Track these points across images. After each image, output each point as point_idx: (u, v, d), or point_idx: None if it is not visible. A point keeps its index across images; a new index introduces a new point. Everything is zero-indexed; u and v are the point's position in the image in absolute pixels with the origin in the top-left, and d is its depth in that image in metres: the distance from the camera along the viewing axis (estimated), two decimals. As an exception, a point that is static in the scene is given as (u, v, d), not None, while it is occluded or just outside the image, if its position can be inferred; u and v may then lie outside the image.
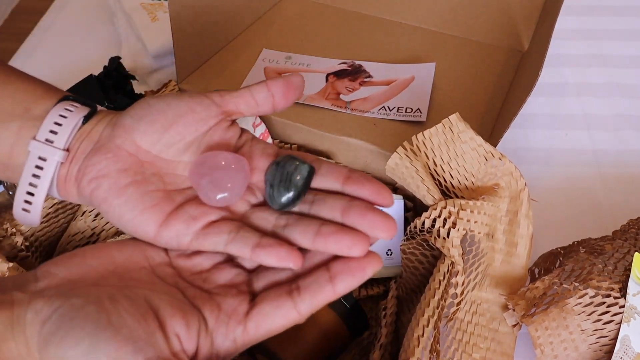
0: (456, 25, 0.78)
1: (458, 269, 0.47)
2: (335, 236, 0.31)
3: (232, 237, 0.33)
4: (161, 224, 0.33)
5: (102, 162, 0.34)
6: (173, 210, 0.34)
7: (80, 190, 0.35)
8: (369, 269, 0.31)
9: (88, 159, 0.34)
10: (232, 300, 0.32)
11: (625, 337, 0.48)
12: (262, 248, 0.32)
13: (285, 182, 0.33)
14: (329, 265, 0.32)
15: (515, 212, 0.53)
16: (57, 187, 0.36)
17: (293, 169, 0.33)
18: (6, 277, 0.32)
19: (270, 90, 0.35)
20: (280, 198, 0.33)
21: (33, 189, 0.35)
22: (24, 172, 0.35)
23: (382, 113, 0.65)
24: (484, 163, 0.51)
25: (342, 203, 0.33)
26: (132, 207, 0.33)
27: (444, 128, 0.51)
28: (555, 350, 0.49)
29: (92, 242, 0.57)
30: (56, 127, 0.35)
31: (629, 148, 0.70)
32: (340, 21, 0.81)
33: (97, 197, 0.34)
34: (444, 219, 0.48)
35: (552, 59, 0.81)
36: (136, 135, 0.34)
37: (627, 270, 0.50)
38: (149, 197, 0.34)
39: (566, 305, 0.48)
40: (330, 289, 0.31)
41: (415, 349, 0.42)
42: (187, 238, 0.33)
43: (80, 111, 0.36)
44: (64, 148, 0.35)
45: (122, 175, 0.34)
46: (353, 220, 0.32)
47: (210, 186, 0.34)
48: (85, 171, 0.34)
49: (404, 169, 0.51)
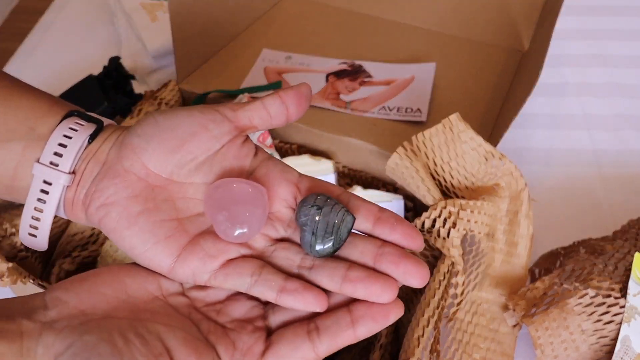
0: (456, 25, 0.78)
1: (458, 269, 0.47)
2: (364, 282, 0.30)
3: (255, 279, 0.31)
4: (176, 259, 0.32)
5: (111, 188, 0.32)
6: (187, 243, 0.32)
7: (88, 216, 0.33)
8: (393, 316, 0.30)
9: (95, 184, 0.33)
10: (248, 338, 0.31)
11: (626, 338, 0.47)
12: (288, 293, 0.30)
13: (329, 233, 0.31)
14: (351, 307, 0.31)
15: (516, 212, 0.53)
16: (64, 209, 0.34)
17: (339, 220, 0.31)
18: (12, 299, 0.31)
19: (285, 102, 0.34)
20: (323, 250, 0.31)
21: (39, 214, 0.33)
22: (29, 197, 0.33)
23: (382, 113, 0.65)
24: (484, 163, 0.51)
25: (374, 248, 0.31)
26: (145, 240, 0.32)
27: (444, 128, 0.51)
28: (556, 351, 0.49)
29: (92, 242, 0.57)
30: (61, 148, 0.33)
31: (629, 148, 0.70)
32: (340, 21, 0.81)
33: (106, 226, 0.32)
34: (444, 219, 0.48)
35: (552, 59, 0.80)
36: (145, 156, 0.32)
37: (628, 270, 0.50)
38: (161, 228, 0.32)
39: (566, 305, 0.48)
40: (351, 333, 0.30)
41: (416, 349, 0.42)
42: (205, 277, 0.32)
43: (85, 129, 0.34)
44: (70, 171, 0.33)
45: (132, 203, 0.32)
46: (386, 268, 0.31)
47: (228, 223, 0.32)
48: (93, 197, 0.32)
49: (404, 169, 0.51)
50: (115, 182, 0.32)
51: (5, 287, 0.46)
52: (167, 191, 0.33)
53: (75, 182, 0.33)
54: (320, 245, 0.31)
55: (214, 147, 0.33)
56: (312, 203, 0.32)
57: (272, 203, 0.34)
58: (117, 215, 0.32)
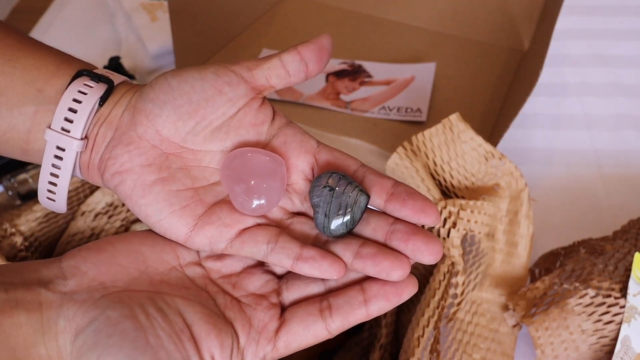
0: (456, 25, 0.78)
1: (458, 269, 0.47)
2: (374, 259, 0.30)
3: (272, 247, 0.31)
4: (192, 228, 0.31)
5: (124, 156, 0.32)
6: (204, 213, 0.32)
7: (104, 182, 0.33)
8: (406, 294, 0.30)
9: (109, 150, 0.32)
10: (263, 315, 0.31)
11: (626, 338, 0.47)
12: (304, 261, 0.30)
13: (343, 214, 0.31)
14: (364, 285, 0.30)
15: (516, 212, 0.53)
16: (81, 172, 0.34)
17: (352, 201, 0.31)
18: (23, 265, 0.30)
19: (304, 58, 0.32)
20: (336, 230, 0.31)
21: (55, 179, 0.33)
22: (44, 162, 0.33)
23: (382, 113, 0.65)
24: (484, 163, 0.51)
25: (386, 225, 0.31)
26: (160, 209, 0.31)
27: (444, 128, 0.51)
28: (556, 351, 0.49)
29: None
30: (71, 114, 0.32)
31: (630, 148, 0.70)
32: (340, 21, 0.80)
33: (121, 193, 0.32)
34: (444, 219, 0.48)
35: (552, 59, 0.80)
36: (158, 123, 0.32)
37: (628, 270, 0.50)
38: (177, 197, 0.32)
39: (567, 305, 0.48)
40: (364, 311, 0.30)
41: (416, 349, 0.42)
42: (222, 245, 0.32)
43: (95, 92, 0.33)
44: (82, 137, 0.32)
45: (147, 171, 0.31)
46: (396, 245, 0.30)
47: (245, 196, 0.31)
48: (107, 164, 0.32)
49: (404, 169, 0.51)
50: (129, 149, 0.32)
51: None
52: (181, 159, 0.32)
53: (88, 147, 0.33)
54: (333, 226, 0.31)
55: (229, 111, 0.32)
56: (324, 183, 0.31)
57: (289, 175, 0.33)
58: (132, 184, 0.31)
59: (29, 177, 0.62)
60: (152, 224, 0.32)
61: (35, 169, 0.62)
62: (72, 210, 0.57)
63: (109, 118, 0.33)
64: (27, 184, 0.61)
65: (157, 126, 0.32)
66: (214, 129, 0.32)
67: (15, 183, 0.61)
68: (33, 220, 0.53)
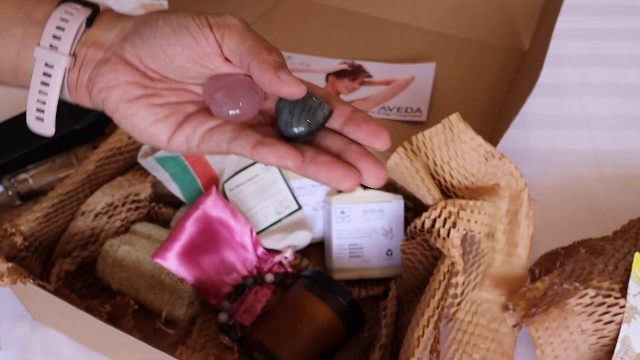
0: (456, 25, 0.78)
1: (458, 269, 0.47)
2: (328, 167, 0.31)
3: (235, 135, 0.33)
4: (173, 132, 0.34)
5: (112, 73, 0.34)
6: (183, 119, 0.34)
7: (92, 98, 0.35)
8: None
9: (97, 68, 0.35)
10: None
11: (626, 338, 0.47)
12: (263, 146, 0.31)
13: (306, 114, 0.32)
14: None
15: (516, 212, 0.53)
16: (69, 92, 0.36)
17: (317, 105, 0.32)
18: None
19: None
20: (298, 127, 0.32)
21: (44, 97, 0.35)
22: (33, 79, 0.35)
23: (382, 113, 0.65)
24: (484, 163, 0.51)
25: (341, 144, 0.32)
26: (145, 118, 0.34)
27: (444, 128, 0.51)
28: (556, 351, 0.49)
29: (92, 242, 0.57)
30: (59, 31, 0.34)
31: (630, 148, 0.70)
32: (340, 21, 0.81)
33: (108, 107, 0.34)
34: (444, 219, 0.48)
35: (552, 59, 0.80)
36: (141, 54, 0.34)
37: (628, 270, 0.50)
38: (161, 108, 0.34)
39: (567, 305, 0.48)
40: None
41: (415, 349, 0.42)
42: (195, 141, 0.34)
43: (81, 13, 0.35)
44: (70, 53, 0.35)
45: (132, 88, 0.34)
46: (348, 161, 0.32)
47: (224, 100, 0.33)
48: (95, 80, 0.34)
49: (404, 169, 0.51)
50: (116, 67, 0.34)
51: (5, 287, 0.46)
52: (166, 84, 0.35)
53: (77, 66, 0.35)
54: (297, 122, 0.32)
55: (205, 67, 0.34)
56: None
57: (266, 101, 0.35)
58: (118, 98, 0.34)
59: (29, 177, 0.62)
60: (137, 132, 0.34)
61: (36, 168, 0.62)
62: (72, 211, 0.57)
63: (98, 40, 0.35)
64: (27, 184, 0.61)
65: (140, 56, 0.34)
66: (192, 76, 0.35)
67: (15, 183, 0.61)
68: (33, 220, 0.53)
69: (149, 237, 0.56)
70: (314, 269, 0.55)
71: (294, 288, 0.52)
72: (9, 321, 0.56)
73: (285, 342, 0.48)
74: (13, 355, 0.54)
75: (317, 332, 0.49)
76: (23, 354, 0.54)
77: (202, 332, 0.54)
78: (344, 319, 0.50)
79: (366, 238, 0.57)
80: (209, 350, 0.49)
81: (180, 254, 0.53)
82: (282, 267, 0.56)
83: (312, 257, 0.60)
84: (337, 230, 0.56)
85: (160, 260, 0.52)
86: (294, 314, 0.50)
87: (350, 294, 0.51)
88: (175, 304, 0.52)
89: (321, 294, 0.50)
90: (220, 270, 0.54)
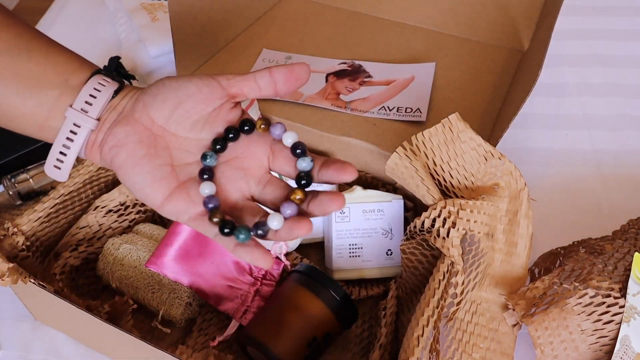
0: (456, 25, 0.78)
1: (458, 269, 0.47)
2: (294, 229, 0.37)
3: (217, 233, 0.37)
4: (166, 198, 0.38)
5: (122, 133, 0.39)
6: (176, 186, 0.38)
7: (102, 155, 0.39)
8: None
9: (111, 129, 0.39)
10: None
11: (625, 337, 0.48)
12: (242, 247, 0.36)
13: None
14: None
15: (515, 211, 0.53)
16: (85, 149, 0.40)
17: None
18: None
19: (273, 77, 0.39)
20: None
21: (66, 150, 0.40)
22: (59, 135, 0.40)
23: (382, 113, 0.65)
24: (484, 163, 0.51)
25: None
26: (144, 178, 0.38)
27: (443, 128, 0.51)
28: (555, 350, 0.49)
29: (97, 238, 0.57)
30: (91, 99, 0.40)
31: (629, 148, 0.70)
32: (340, 21, 0.81)
33: (115, 163, 0.39)
34: (444, 218, 0.48)
35: (552, 59, 0.81)
36: (151, 110, 0.39)
37: (627, 270, 0.50)
38: (158, 171, 0.38)
39: (566, 305, 0.48)
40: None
41: (415, 349, 0.42)
42: (185, 217, 0.38)
43: (111, 86, 0.41)
44: (97, 118, 0.40)
45: (138, 147, 0.38)
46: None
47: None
48: (107, 139, 0.39)
49: (404, 168, 0.51)
50: (126, 128, 0.39)
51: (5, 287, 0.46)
52: (165, 141, 0.39)
53: (97, 127, 0.40)
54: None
55: (207, 108, 0.39)
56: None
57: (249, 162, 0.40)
58: (125, 155, 0.38)
59: (29, 177, 0.62)
60: (136, 189, 0.38)
61: (36, 168, 0.62)
62: (74, 211, 0.57)
63: (117, 107, 0.41)
64: (27, 184, 0.61)
65: (150, 112, 0.39)
66: (193, 121, 0.39)
67: (15, 183, 0.61)
68: (35, 220, 0.53)
69: (151, 237, 0.57)
70: (306, 264, 0.55)
71: (286, 283, 0.52)
72: (9, 321, 0.56)
73: (278, 337, 0.48)
74: (13, 355, 0.54)
75: (310, 327, 0.49)
76: (23, 353, 0.54)
77: (202, 332, 0.54)
78: (337, 314, 0.50)
79: (366, 238, 0.57)
80: (209, 350, 0.49)
81: (174, 258, 0.53)
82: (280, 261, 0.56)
83: (312, 257, 0.60)
84: (337, 230, 0.56)
85: (154, 267, 0.53)
86: (287, 308, 0.50)
87: (342, 287, 0.51)
88: (173, 304, 0.52)
89: (314, 288, 0.50)
90: (215, 272, 0.54)
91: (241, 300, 0.54)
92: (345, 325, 0.51)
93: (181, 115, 0.39)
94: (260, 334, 0.49)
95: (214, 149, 0.39)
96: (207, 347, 0.52)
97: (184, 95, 0.39)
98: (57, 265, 0.54)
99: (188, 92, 0.39)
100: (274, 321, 0.49)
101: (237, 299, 0.54)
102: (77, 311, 0.45)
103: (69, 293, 0.50)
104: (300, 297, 0.50)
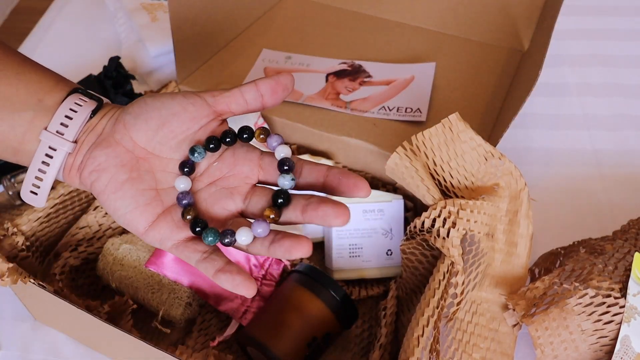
0: (456, 25, 0.78)
1: (458, 269, 0.47)
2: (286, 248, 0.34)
3: (205, 257, 0.35)
4: (150, 225, 0.36)
5: (102, 157, 0.37)
6: (161, 212, 0.36)
7: (82, 179, 0.37)
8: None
9: (90, 152, 0.37)
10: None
11: (626, 337, 0.47)
12: (223, 273, 0.34)
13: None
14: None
15: (515, 211, 0.53)
16: (63, 173, 0.38)
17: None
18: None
19: (259, 89, 0.37)
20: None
21: (42, 175, 0.38)
22: (34, 159, 0.37)
23: (382, 113, 0.65)
24: (484, 163, 0.51)
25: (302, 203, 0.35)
26: (127, 204, 0.36)
27: (443, 128, 0.51)
28: (556, 351, 0.49)
29: (97, 238, 0.57)
30: (67, 120, 0.37)
31: (629, 148, 0.70)
32: (340, 21, 0.81)
33: (96, 189, 0.37)
34: (444, 218, 0.48)
35: (552, 59, 0.81)
36: (133, 132, 0.37)
37: (628, 270, 0.50)
38: (142, 196, 0.36)
39: (566, 305, 0.48)
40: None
41: (415, 349, 0.42)
42: (169, 244, 0.36)
43: (88, 105, 0.38)
44: (73, 140, 0.37)
45: (119, 171, 0.36)
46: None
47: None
48: (87, 163, 0.37)
49: (404, 168, 0.51)
50: (106, 151, 0.37)
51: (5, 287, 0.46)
52: (149, 163, 0.37)
53: (74, 151, 0.38)
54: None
55: (193, 127, 0.37)
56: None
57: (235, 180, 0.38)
58: (107, 180, 0.36)
59: (29, 177, 0.62)
60: (119, 216, 0.36)
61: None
62: (74, 211, 0.57)
63: (95, 128, 0.38)
64: (28, 184, 0.61)
65: (131, 134, 0.37)
66: (179, 141, 0.37)
67: (15, 183, 0.61)
68: (35, 220, 0.53)
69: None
70: (306, 264, 0.55)
71: (286, 283, 0.52)
72: (9, 321, 0.56)
73: (278, 336, 0.48)
74: (13, 355, 0.54)
75: (310, 327, 0.49)
76: (23, 354, 0.54)
77: (202, 332, 0.54)
78: (337, 314, 0.50)
79: (366, 238, 0.57)
80: (208, 350, 0.49)
81: (174, 258, 0.53)
82: (280, 261, 0.56)
83: (312, 257, 0.60)
84: (337, 230, 0.56)
85: (154, 267, 0.53)
86: (287, 308, 0.50)
87: (342, 287, 0.51)
88: (173, 304, 0.52)
89: (314, 288, 0.50)
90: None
91: (241, 300, 0.54)
92: (345, 325, 0.51)
93: (166, 135, 0.37)
94: (260, 334, 0.49)
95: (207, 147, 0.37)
96: (207, 347, 0.52)
97: (168, 114, 0.37)
98: (57, 265, 0.54)
99: (172, 110, 0.37)
100: (274, 321, 0.49)
101: (237, 299, 0.54)
102: (77, 311, 0.45)
103: (68, 293, 0.50)
104: (300, 297, 0.50)
